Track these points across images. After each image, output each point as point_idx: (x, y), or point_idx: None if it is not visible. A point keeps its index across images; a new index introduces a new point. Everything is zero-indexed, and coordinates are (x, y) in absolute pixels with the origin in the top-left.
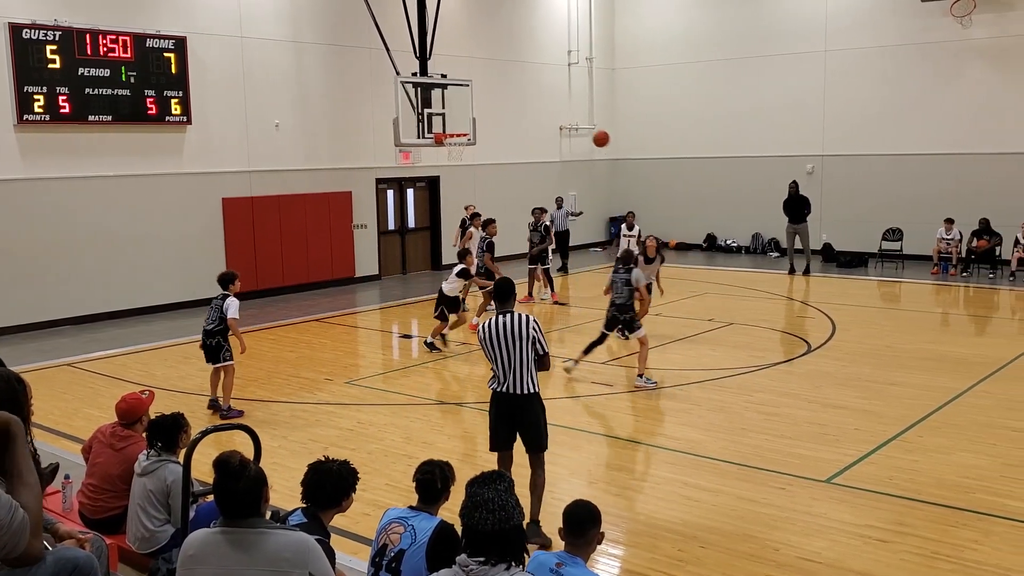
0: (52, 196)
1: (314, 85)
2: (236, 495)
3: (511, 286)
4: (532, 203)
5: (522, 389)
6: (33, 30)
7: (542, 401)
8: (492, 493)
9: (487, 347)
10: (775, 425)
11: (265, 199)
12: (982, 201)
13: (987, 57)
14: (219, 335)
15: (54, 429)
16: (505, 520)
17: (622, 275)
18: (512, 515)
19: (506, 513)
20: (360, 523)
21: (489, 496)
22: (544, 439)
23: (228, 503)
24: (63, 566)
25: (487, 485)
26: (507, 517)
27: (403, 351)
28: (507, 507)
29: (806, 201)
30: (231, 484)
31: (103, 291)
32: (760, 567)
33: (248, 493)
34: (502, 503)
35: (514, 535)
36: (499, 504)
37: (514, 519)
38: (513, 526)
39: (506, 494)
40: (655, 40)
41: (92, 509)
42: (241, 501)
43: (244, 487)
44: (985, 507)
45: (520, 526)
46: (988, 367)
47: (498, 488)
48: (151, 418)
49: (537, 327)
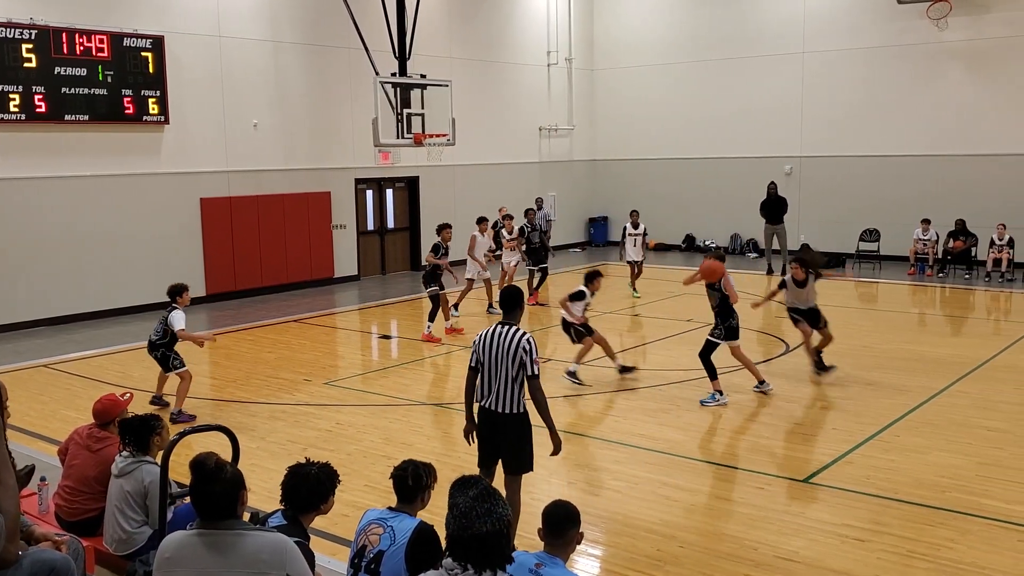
0: (28, 196)
1: (293, 85)
2: (212, 497)
3: (518, 296)
4: (512, 204)
5: (503, 407)
6: (8, 28)
7: (529, 422)
8: (472, 500)
9: (477, 355)
10: (753, 425)
11: (243, 199)
12: (958, 202)
13: (963, 59)
14: (163, 347)
15: (30, 431)
16: (493, 524)
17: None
18: (498, 521)
19: (492, 519)
20: (339, 524)
21: (469, 503)
22: (525, 462)
23: (204, 505)
24: (40, 568)
25: (466, 490)
26: (495, 521)
27: (382, 352)
28: (492, 512)
29: (784, 202)
30: (207, 486)
31: (80, 291)
32: (738, 566)
33: (224, 495)
34: (486, 510)
35: (497, 541)
36: (484, 510)
37: (497, 525)
38: (495, 532)
39: (491, 500)
40: (634, 41)
41: (69, 511)
42: (217, 503)
43: (220, 489)
44: (961, 506)
45: (503, 532)
46: (964, 367)
47: (480, 491)
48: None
49: (530, 346)
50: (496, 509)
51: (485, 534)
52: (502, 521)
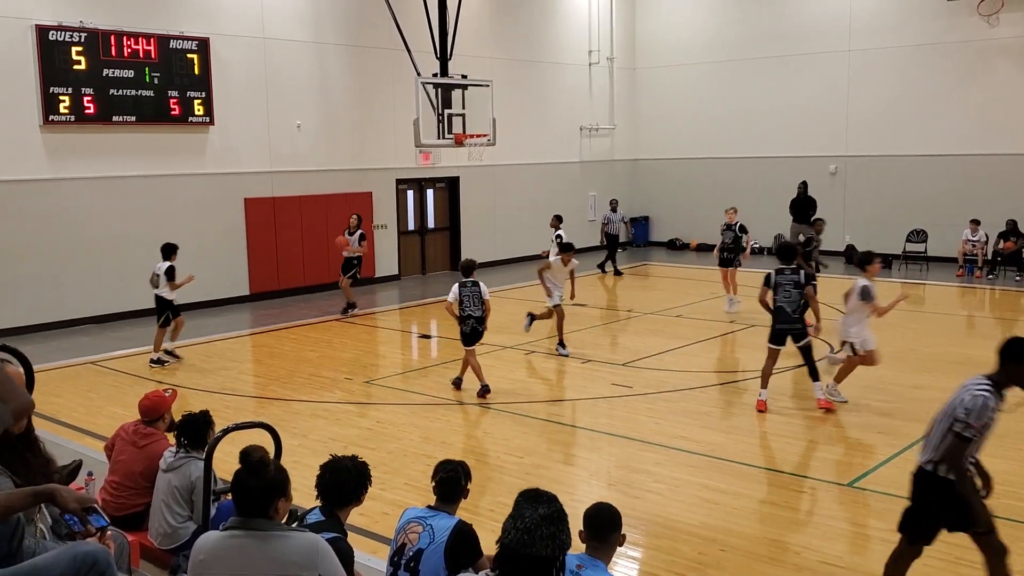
0: (77, 196)
1: (335, 86)
2: (247, 491)
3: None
4: (552, 203)
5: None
6: (59, 32)
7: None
8: (540, 519)
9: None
10: (797, 428)
11: (286, 199)
12: (1009, 202)
13: (1014, 55)
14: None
15: (77, 427)
16: (553, 550)
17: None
18: (558, 549)
19: (555, 545)
20: (379, 522)
21: (537, 521)
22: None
23: (239, 497)
24: (82, 562)
25: (536, 505)
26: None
27: (422, 351)
28: (556, 537)
29: (813, 202)
30: (247, 479)
31: (126, 290)
32: (781, 571)
33: (260, 493)
34: (551, 533)
35: (550, 568)
36: (549, 533)
37: (556, 553)
38: (551, 559)
39: (558, 524)
40: (676, 40)
41: (115, 506)
42: (249, 498)
43: (257, 485)
44: (1013, 513)
45: (558, 560)
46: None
47: (551, 511)
48: (175, 417)
49: None
50: (560, 535)
51: (543, 558)
52: (562, 549)
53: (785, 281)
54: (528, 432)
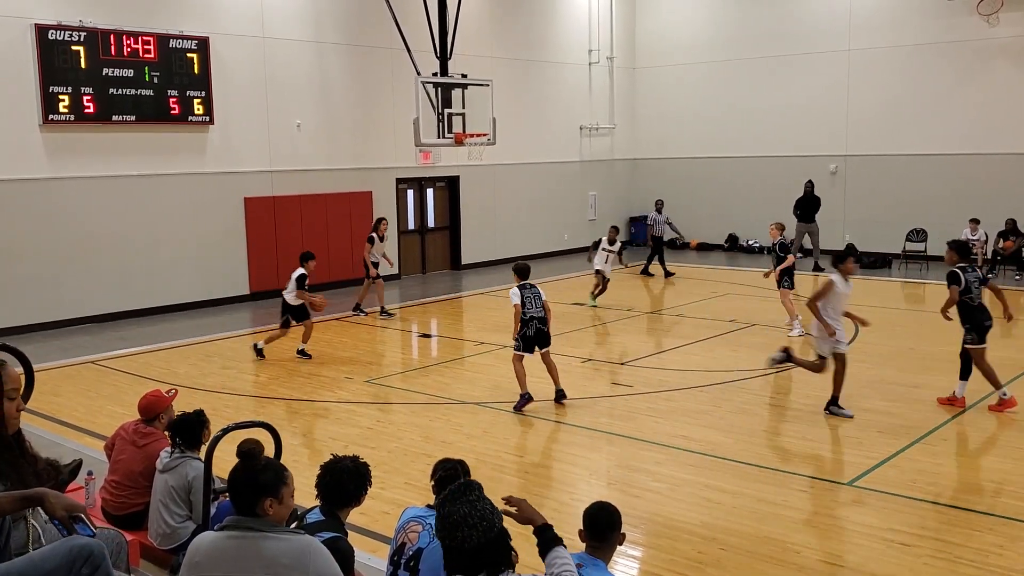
0: (76, 195)
1: (335, 85)
2: (236, 485)
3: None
4: (552, 203)
5: None
6: (58, 31)
7: None
8: (467, 507)
9: None
10: (797, 427)
11: (286, 199)
12: (1009, 202)
13: (1014, 55)
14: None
15: (77, 426)
16: (488, 530)
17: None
18: (493, 523)
19: (487, 523)
20: (379, 522)
21: (465, 511)
22: None
23: (232, 490)
24: (77, 554)
25: (459, 500)
26: (489, 527)
27: (422, 350)
28: (486, 516)
29: (818, 201)
30: (238, 474)
31: (125, 289)
32: (781, 570)
33: (246, 488)
34: (480, 514)
35: (500, 542)
36: (478, 516)
37: (496, 526)
38: (497, 533)
39: (480, 503)
40: (676, 39)
41: (115, 505)
42: (238, 492)
43: (243, 479)
44: (1012, 512)
45: (503, 529)
46: (1015, 370)
47: (471, 499)
48: (172, 417)
49: None
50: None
51: (493, 537)
52: (500, 518)
53: (973, 279)
54: (528, 431)
